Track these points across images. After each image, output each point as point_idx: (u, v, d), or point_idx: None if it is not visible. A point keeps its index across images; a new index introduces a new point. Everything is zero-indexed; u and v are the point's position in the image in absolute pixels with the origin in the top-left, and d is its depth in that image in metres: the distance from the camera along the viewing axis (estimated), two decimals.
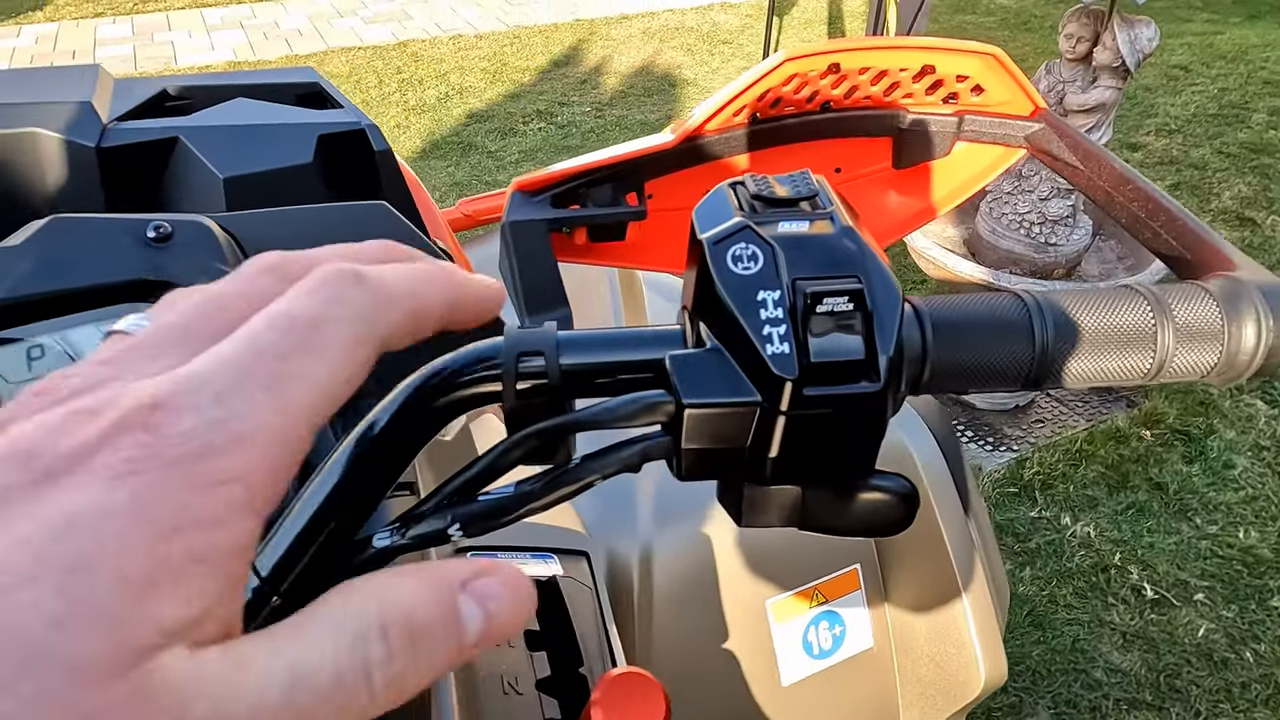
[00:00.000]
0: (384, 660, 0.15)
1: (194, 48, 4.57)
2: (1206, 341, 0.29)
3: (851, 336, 0.25)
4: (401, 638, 0.16)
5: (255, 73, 0.65)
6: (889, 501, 0.28)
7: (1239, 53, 4.38)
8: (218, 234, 0.39)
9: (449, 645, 0.16)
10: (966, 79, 0.43)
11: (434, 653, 0.16)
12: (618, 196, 0.43)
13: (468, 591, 0.17)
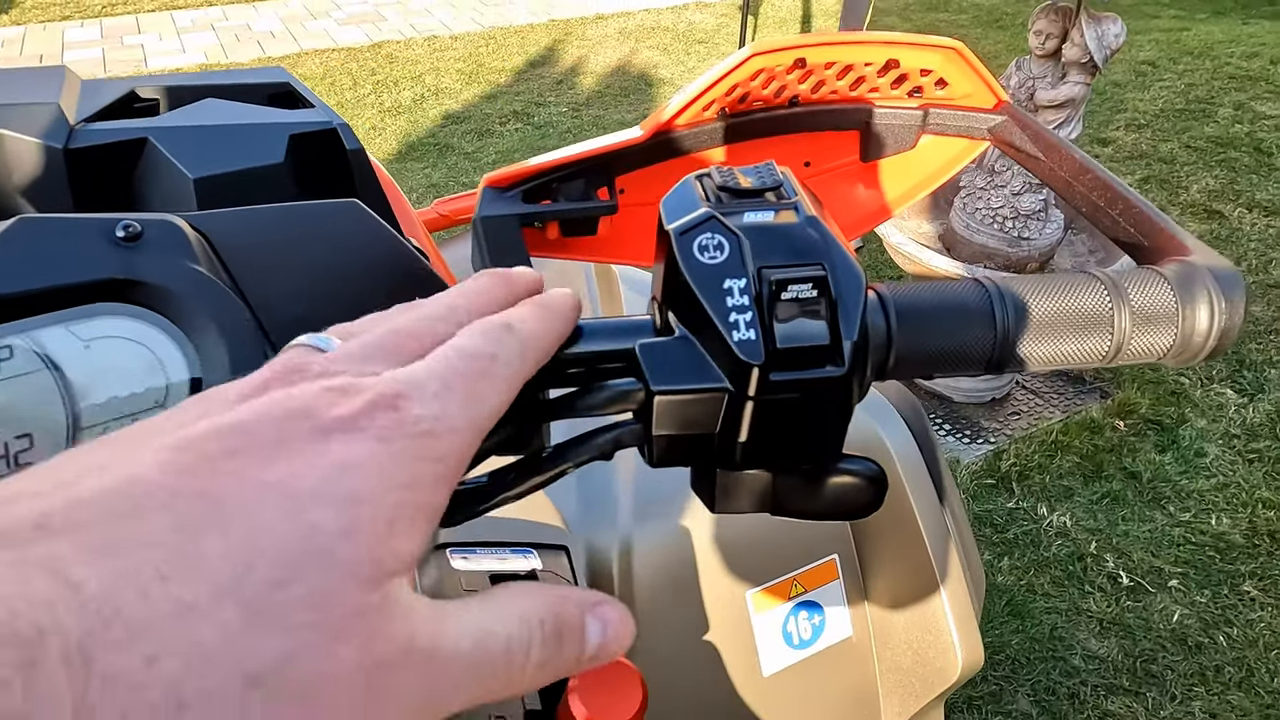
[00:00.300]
0: (540, 643, 0.19)
1: (164, 50, 4.52)
2: (1162, 324, 0.30)
3: (816, 322, 0.25)
4: (553, 630, 0.20)
5: (225, 73, 0.65)
6: (858, 484, 0.29)
7: (1205, 48, 4.46)
8: (188, 233, 0.39)
9: (576, 650, 0.20)
10: (930, 73, 0.44)
11: (568, 652, 0.20)
12: (589, 191, 0.44)
13: (593, 614, 0.21)
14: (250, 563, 0.16)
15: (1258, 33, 4.73)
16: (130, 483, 0.16)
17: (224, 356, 0.38)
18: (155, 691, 0.14)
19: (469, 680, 0.18)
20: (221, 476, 0.17)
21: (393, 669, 0.17)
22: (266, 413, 0.18)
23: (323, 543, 0.16)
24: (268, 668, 0.15)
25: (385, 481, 0.18)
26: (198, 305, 0.38)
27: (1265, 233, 2.89)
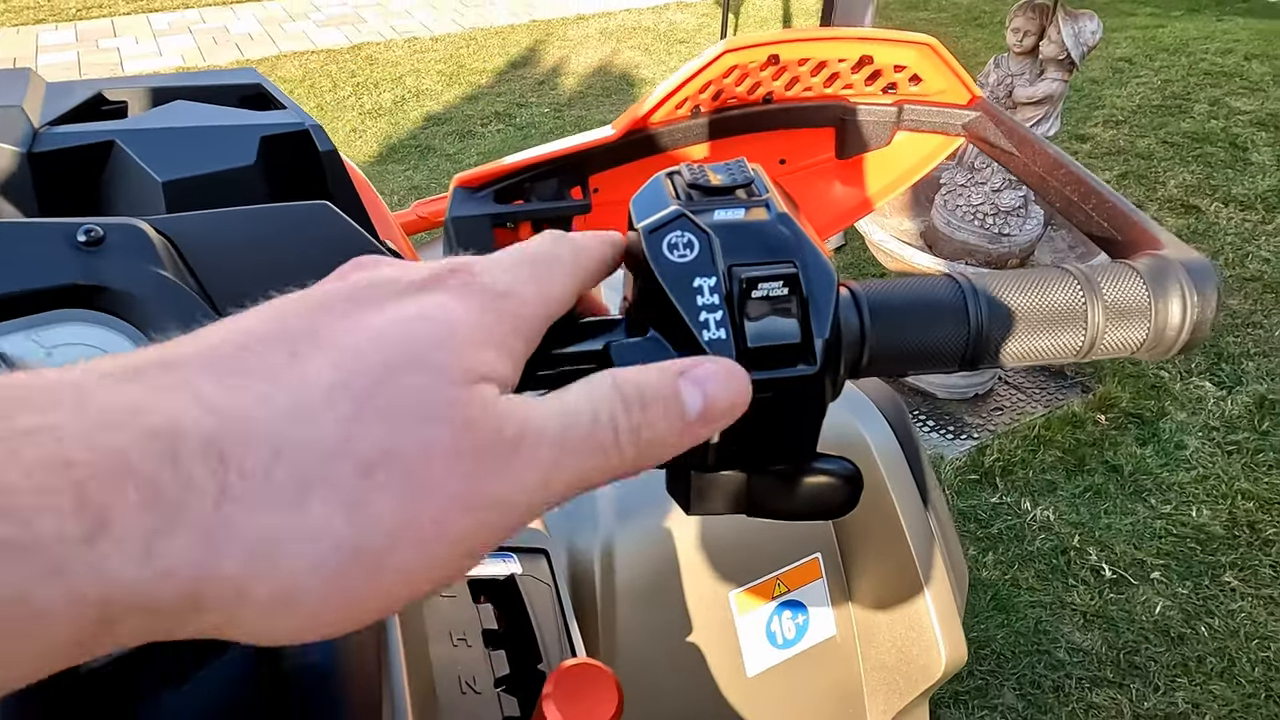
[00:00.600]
0: (624, 411, 0.20)
1: (140, 54, 4.47)
2: (1135, 318, 0.29)
3: (787, 320, 0.25)
4: (635, 400, 0.21)
5: (195, 74, 0.64)
6: (834, 484, 0.29)
7: (1180, 45, 4.51)
8: (152, 236, 0.38)
9: (672, 417, 0.21)
10: (904, 69, 0.44)
11: (660, 419, 0.21)
12: (562, 190, 0.43)
13: (686, 377, 0.22)
14: (356, 370, 0.18)
15: (1231, 29, 4.78)
16: (243, 331, 0.19)
17: None
18: (283, 481, 0.16)
19: (562, 458, 0.20)
20: (324, 320, 0.19)
21: (487, 453, 0.18)
22: (355, 282, 0.21)
23: (417, 351, 0.19)
24: (376, 455, 0.17)
25: (469, 317, 0.20)
26: (163, 310, 0.37)
27: (1241, 227, 2.92)
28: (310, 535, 0.16)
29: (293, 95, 4.03)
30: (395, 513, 0.17)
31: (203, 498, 0.15)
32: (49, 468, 0.14)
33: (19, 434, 0.15)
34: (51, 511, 0.14)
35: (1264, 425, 2.13)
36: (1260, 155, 3.36)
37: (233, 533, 0.16)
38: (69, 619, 0.14)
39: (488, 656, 0.43)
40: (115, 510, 0.15)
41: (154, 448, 0.15)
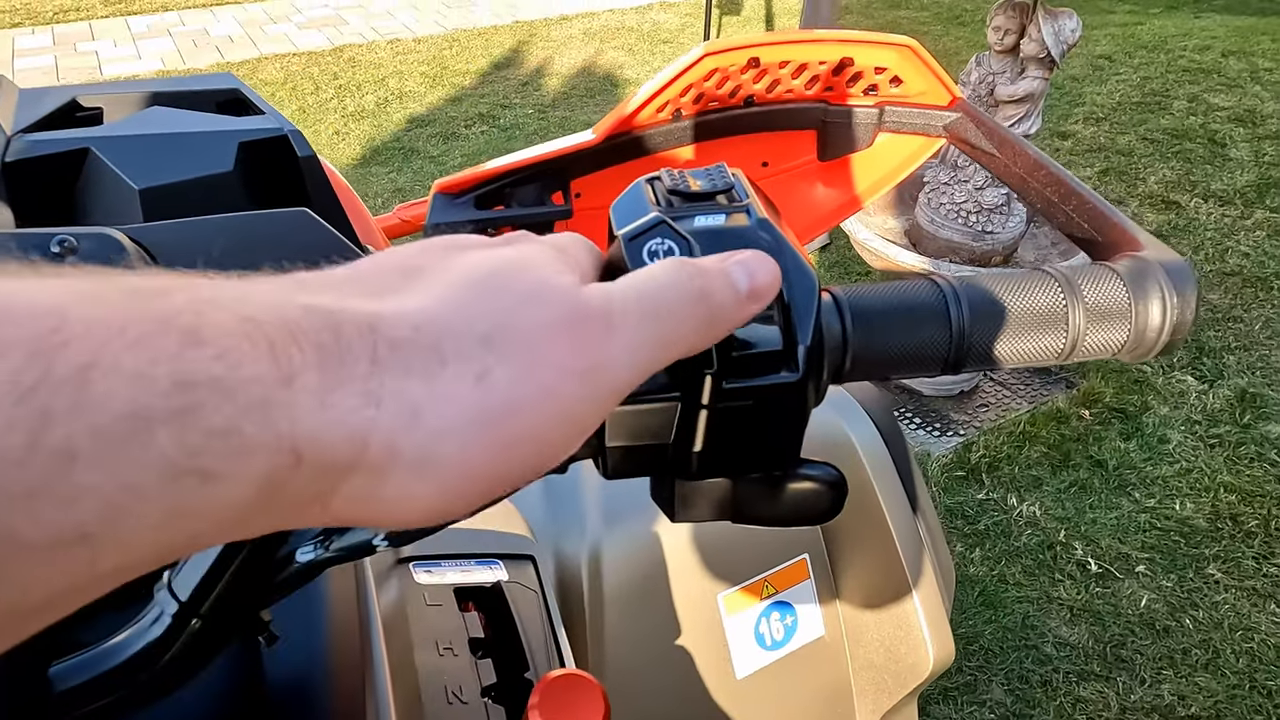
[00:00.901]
0: (692, 280, 0.23)
1: (119, 57, 4.43)
2: (1115, 320, 0.29)
3: (769, 328, 0.25)
4: (700, 274, 0.23)
5: (171, 80, 0.63)
6: (818, 490, 0.29)
7: (1159, 42, 4.55)
8: (127, 246, 0.38)
9: (728, 290, 0.24)
10: (885, 71, 0.44)
11: (721, 290, 0.23)
12: (543, 196, 0.43)
13: (732, 260, 0.24)
14: (470, 278, 0.21)
15: (1209, 26, 4.83)
16: (368, 266, 0.22)
17: None
18: (422, 352, 0.19)
19: (645, 323, 0.22)
20: (431, 258, 0.22)
21: (584, 325, 0.21)
22: (450, 240, 0.24)
23: (510, 263, 0.22)
24: (493, 329, 0.20)
25: (543, 253, 0.23)
26: None
27: (1221, 222, 2.95)
28: (445, 400, 0.19)
29: (274, 98, 4.01)
30: (514, 381, 0.19)
31: (359, 361, 0.18)
32: (244, 323, 0.16)
33: (204, 301, 0.16)
34: (252, 357, 0.16)
35: (1245, 418, 2.15)
36: (1238, 151, 3.40)
37: (386, 393, 0.18)
38: (272, 454, 0.16)
39: (474, 665, 0.43)
40: (297, 363, 0.17)
41: (318, 318, 0.18)
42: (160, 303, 0.16)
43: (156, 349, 0.15)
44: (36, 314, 0.15)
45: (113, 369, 0.15)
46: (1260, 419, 2.15)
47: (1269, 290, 2.61)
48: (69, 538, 0.14)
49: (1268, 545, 1.84)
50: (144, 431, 0.15)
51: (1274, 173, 3.23)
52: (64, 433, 0.14)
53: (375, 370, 0.18)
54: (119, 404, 0.15)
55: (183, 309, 0.16)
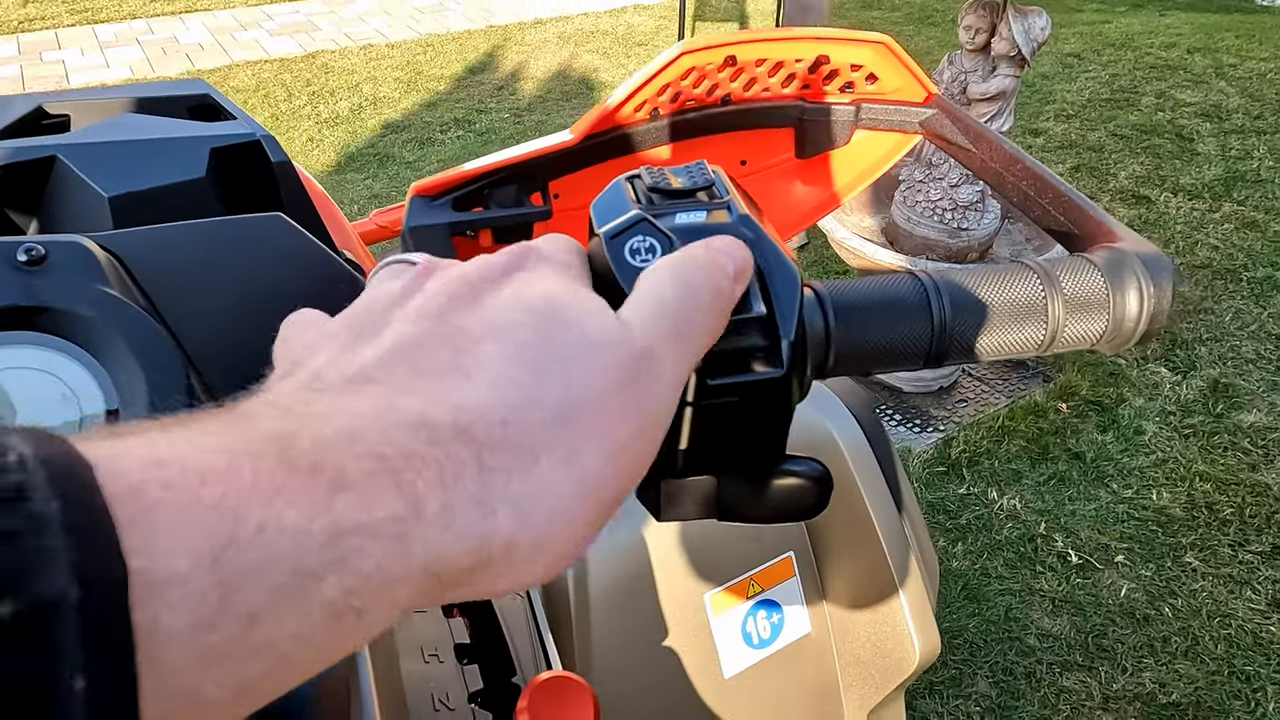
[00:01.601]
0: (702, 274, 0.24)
1: (87, 66, 4.36)
2: (1094, 311, 0.30)
3: (752, 324, 0.25)
4: (700, 267, 0.24)
5: (141, 86, 0.62)
6: (803, 485, 0.28)
7: (1126, 40, 4.62)
8: (97, 254, 0.37)
9: (724, 274, 0.24)
10: (861, 68, 0.44)
11: (719, 277, 0.24)
12: (522, 197, 0.43)
13: (710, 248, 0.25)
14: (512, 341, 0.21)
15: (1174, 23, 4.92)
16: (402, 341, 0.21)
17: (141, 382, 0.36)
18: (516, 447, 0.19)
19: (679, 337, 0.23)
20: (455, 318, 0.22)
21: (635, 360, 0.22)
22: (449, 279, 0.23)
23: (544, 308, 0.22)
24: (565, 404, 0.20)
25: (556, 276, 0.24)
26: (110, 329, 0.36)
27: (1190, 215, 3.00)
28: (546, 491, 0.19)
29: (247, 105, 3.97)
30: (597, 455, 0.20)
31: (469, 471, 0.19)
32: (368, 460, 0.17)
33: (334, 440, 0.17)
34: (386, 497, 0.17)
35: (1218, 408, 2.19)
36: (1205, 145, 3.46)
37: (496, 498, 0.19)
38: (412, 583, 0.17)
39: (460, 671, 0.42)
40: (420, 490, 0.18)
41: (423, 436, 0.18)
42: (294, 449, 0.17)
43: (311, 501, 0.16)
44: (208, 477, 0.16)
45: (281, 527, 0.16)
46: (1232, 408, 2.19)
47: (1238, 282, 2.66)
48: (242, 692, 0.15)
49: (1242, 533, 1.87)
50: (311, 583, 0.16)
51: (1240, 166, 3.29)
52: (247, 595, 0.15)
53: (484, 477, 0.19)
54: (289, 560, 0.16)
55: (314, 453, 0.17)
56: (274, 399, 0.20)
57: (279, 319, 0.42)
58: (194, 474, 0.15)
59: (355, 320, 0.24)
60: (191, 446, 0.16)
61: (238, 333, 0.41)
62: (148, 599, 0.14)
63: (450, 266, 0.25)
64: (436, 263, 0.25)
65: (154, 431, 0.17)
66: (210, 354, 0.40)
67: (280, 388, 0.21)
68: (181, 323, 0.39)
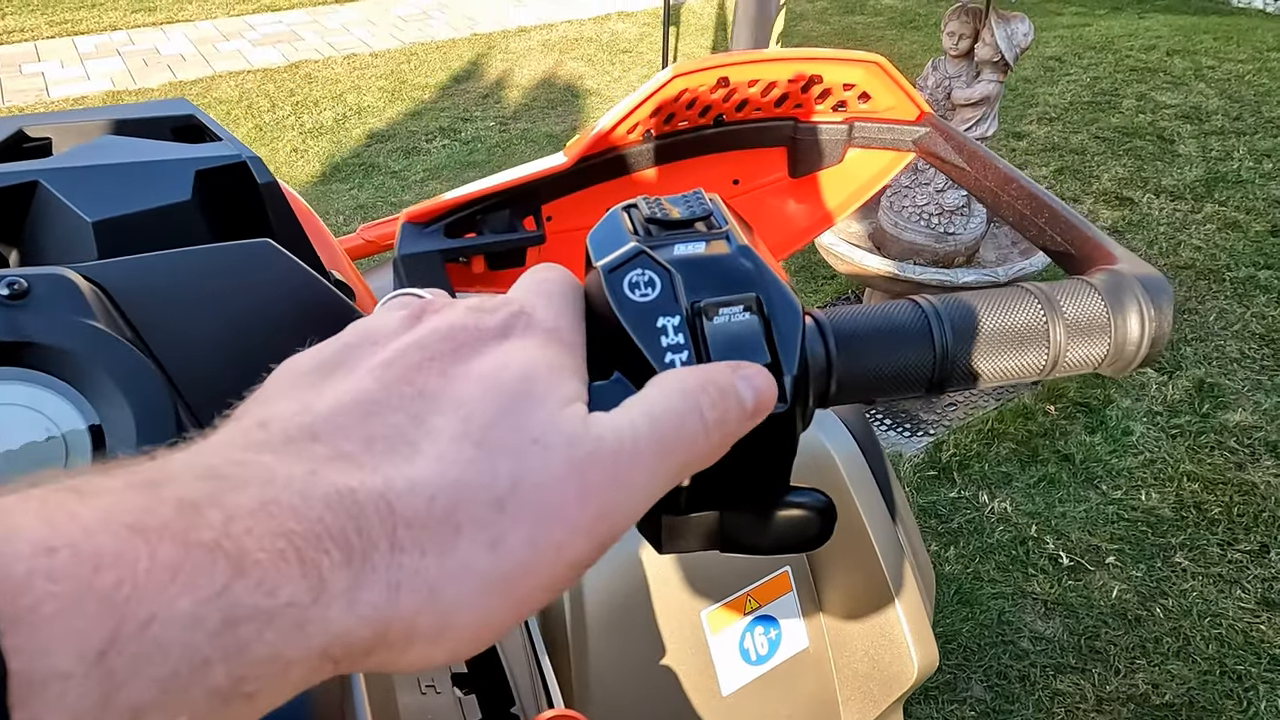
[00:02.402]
0: (710, 405, 0.23)
1: (67, 78, 4.33)
2: (1095, 335, 0.30)
3: (755, 359, 0.24)
4: (714, 392, 0.23)
5: (124, 107, 0.61)
6: (807, 517, 0.28)
7: (1106, 43, 4.66)
8: (82, 286, 0.36)
9: (739, 407, 0.23)
10: (853, 87, 0.44)
11: (731, 409, 0.23)
12: (515, 222, 0.42)
13: (738, 374, 0.24)
14: (469, 418, 0.20)
15: (1153, 26, 4.97)
16: (362, 396, 0.21)
17: (128, 417, 0.35)
18: (438, 524, 0.19)
19: (659, 456, 0.22)
20: (425, 377, 0.21)
21: (595, 465, 0.21)
22: (435, 330, 0.23)
23: (515, 388, 0.21)
24: (505, 488, 0.20)
25: (544, 354, 0.23)
26: (95, 364, 0.35)
27: (1173, 216, 3.03)
28: (462, 572, 0.19)
29: (230, 116, 3.94)
30: (526, 545, 0.20)
31: (381, 548, 0.18)
32: (276, 538, 0.17)
33: (246, 512, 0.17)
34: (288, 579, 0.17)
35: (1204, 408, 2.21)
36: (1186, 147, 3.49)
37: (405, 577, 0.18)
38: (308, 665, 0.17)
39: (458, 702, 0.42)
40: (326, 570, 0.17)
41: (341, 509, 0.18)
42: (201, 522, 0.16)
43: (207, 587, 0.16)
44: (102, 563, 0.15)
45: (171, 618, 0.15)
46: (1218, 408, 2.21)
47: (1221, 282, 2.68)
48: None
49: (1231, 532, 1.88)
50: (200, 672, 0.15)
51: (1221, 167, 3.32)
52: (133, 690, 0.15)
53: (394, 555, 0.18)
54: (178, 651, 0.15)
55: (220, 527, 0.16)
56: (203, 453, 0.19)
57: (267, 347, 0.42)
58: (87, 560, 0.15)
59: (333, 356, 0.23)
60: (92, 521, 0.16)
61: (226, 362, 0.40)
62: (28, 699, 0.14)
63: (448, 311, 0.24)
64: (432, 304, 0.25)
65: (62, 495, 0.16)
66: (198, 384, 0.39)
67: (217, 438, 0.20)
68: (168, 353, 0.38)
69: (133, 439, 0.35)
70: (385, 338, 0.23)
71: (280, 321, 0.42)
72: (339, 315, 0.44)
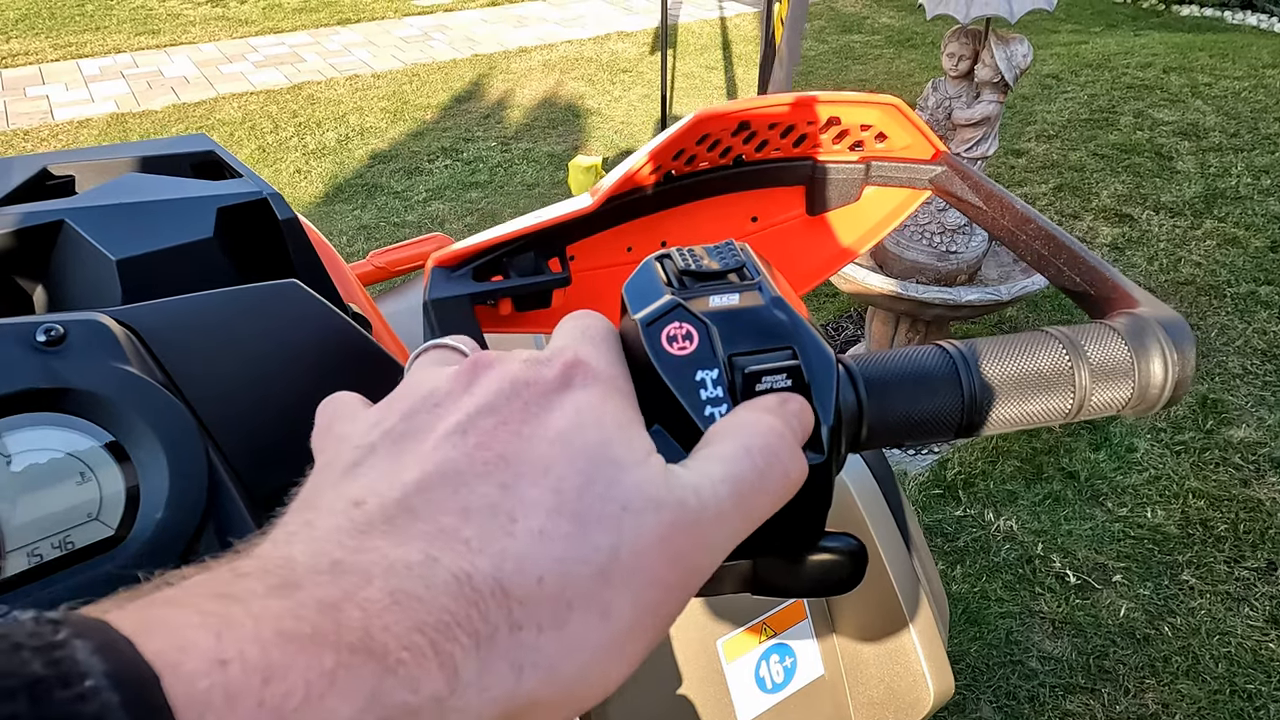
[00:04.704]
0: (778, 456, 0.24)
1: (71, 100, 4.36)
2: (1119, 378, 0.30)
3: None
4: (780, 447, 0.24)
5: (145, 144, 0.62)
6: (839, 562, 0.28)
7: (1102, 60, 4.70)
8: (116, 331, 0.37)
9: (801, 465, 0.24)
10: (870, 128, 0.45)
11: (795, 467, 0.24)
12: (540, 264, 0.43)
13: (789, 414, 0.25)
14: (558, 489, 0.21)
15: (1149, 43, 5.01)
16: (446, 466, 0.21)
17: (161, 459, 0.36)
18: (551, 602, 0.19)
19: (737, 517, 0.23)
20: (503, 441, 0.22)
21: (681, 529, 0.21)
22: (499, 391, 0.23)
23: (594, 452, 0.22)
24: (606, 559, 0.20)
25: (608, 407, 0.23)
26: (130, 408, 0.35)
27: (1172, 233, 3.04)
28: (578, 645, 0.20)
29: (233, 138, 3.97)
30: (631, 609, 0.20)
31: (502, 630, 0.19)
32: (412, 632, 0.17)
33: (380, 608, 0.18)
34: (427, 672, 0.17)
35: (1208, 424, 2.21)
36: (1184, 164, 3.51)
37: (527, 656, 0.19)
38: None
39: None
40: (458, 659, 0.18)
41: (462, 597, 0.18)
42: (344, 623, 0.17)
43: (362, 691, 0.16)
44: (271, 675, 0.16)
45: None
46: (1222, 424, 2.21)
47: (1222, 298, 2.69)
48: None
49: (1238, 549, 1.88)
50: None
51: (1220, 184, 3.34)
52: None
53: (514, 635, 0.19)
54: None
55: (361, 628, 0.17)
56: (319, 542, 0.19)
57: (295, 387, 0.42)
58: (256, 674, 0.16)
59: (399, 423, 0.23)
60: (252, 631, 0.16)
61: (253, 402, 0.41)
62: None
63: (502, 366, 0.24)
64: (483, 358, 0.25)
65: (215, 604, 0.17)
66: (227, 423, 0.40)
67: (323, 524, 0.20)
68: (199, 395, 0.39)
69: (165, 483, 0.35)
70: (445, 399, 0.24)
71: (305, 361, 0.42)
72: (361, 353, 0.44)
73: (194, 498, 0.35)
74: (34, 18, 5.54)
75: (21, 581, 0.32)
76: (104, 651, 0.14)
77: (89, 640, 0.14)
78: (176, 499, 0.35)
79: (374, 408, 0.25)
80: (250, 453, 0.39)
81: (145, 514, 0.34)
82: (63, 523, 0.34)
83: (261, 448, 0.39)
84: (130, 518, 0.34)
